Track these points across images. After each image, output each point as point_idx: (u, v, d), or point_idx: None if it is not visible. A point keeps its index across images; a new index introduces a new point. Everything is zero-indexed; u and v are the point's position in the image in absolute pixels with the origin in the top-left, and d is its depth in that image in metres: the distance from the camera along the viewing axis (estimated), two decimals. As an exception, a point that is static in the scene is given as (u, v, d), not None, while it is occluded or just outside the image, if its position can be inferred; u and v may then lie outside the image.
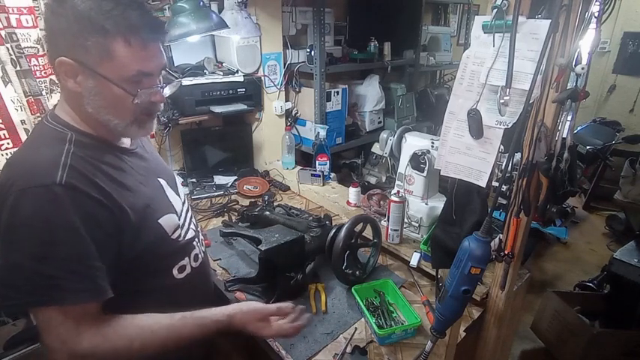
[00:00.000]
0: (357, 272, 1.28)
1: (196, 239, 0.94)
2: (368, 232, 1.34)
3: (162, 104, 0.82)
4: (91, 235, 0.67)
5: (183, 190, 0.98)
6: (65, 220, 0.65)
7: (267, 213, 1.57)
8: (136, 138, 0.88)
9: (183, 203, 0.94)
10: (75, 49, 0.68)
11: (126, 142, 0.86)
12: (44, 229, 0.64)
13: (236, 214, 1.71)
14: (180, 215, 0.89)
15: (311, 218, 1.44)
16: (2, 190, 0.66)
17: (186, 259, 0.88)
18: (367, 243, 1.35)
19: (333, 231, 1.27)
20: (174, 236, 0.85)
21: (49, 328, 0.66)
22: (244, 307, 0.85)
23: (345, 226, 1.23)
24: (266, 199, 1.80)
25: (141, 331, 0.73)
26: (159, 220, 0.81)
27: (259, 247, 1.15)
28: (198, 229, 1.00)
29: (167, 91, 0.81)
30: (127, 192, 0.75)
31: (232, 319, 0.81)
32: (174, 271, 0.85)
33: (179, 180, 1.01)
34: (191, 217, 0.96)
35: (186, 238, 0.88)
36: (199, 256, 0.94)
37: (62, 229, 0.65)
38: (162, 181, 0.89)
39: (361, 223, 1.30)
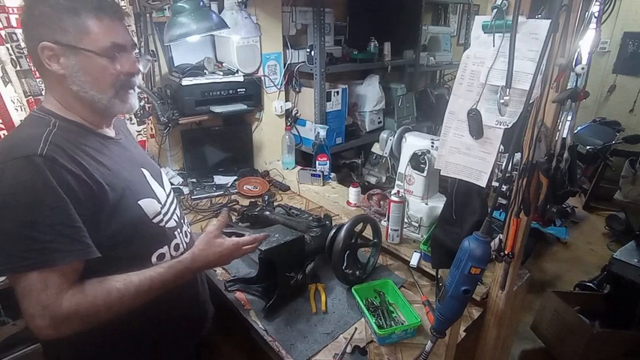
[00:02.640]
0: (357, 272, 1.28)
1: (178, 230, 0.95)
2: (368, 232, 1.34)
3: (139, 77, 0.87)
4: (71, 204, 0.70)
5: (169, 185, 1.01)
6: (48, 186, 0.67)
7: (267, 213, 1.57)
8: (121, 113, 0.90)
9: (168, 195, 0.96)
10: (55, 32, 0.74)
11: (109, 132, 0.89)
12: (28, 195, 0.66)
13: (236, 214, 1.72)
14: (164, 205, 0.91)
15: (311, 218, 1.44)
16: None
17: (166, 247, 0.89)
18: (367, 243, 1.35)
19: (333, 231, 1.27)
20: (155, 220, 0.86)
21: (30, 294, 0.66)
22: (198, 240, 0.91)
23: (345, 226, 1.23)
24: (266, 199, 1.80)
25: (115, 282, 0.74)
26: (139, 202, 0.83)
27: (259, 247, 1.15)
28: (183, 221, 1.01)
29: (141, 67, 0.86)
30: (106, 170, 0.78)
31: (194, 253, 0.87)
32: (153, 259, 0.86)
33: (167, 176, 1.04)
34: (175, 209, 0.97)
35: (167, 225, 0.90)
36: (180, 246, 0.94)
37: (45, 193, 0.67)
38: (146, 172, 0.92)
39: (361, 223, 1.30)
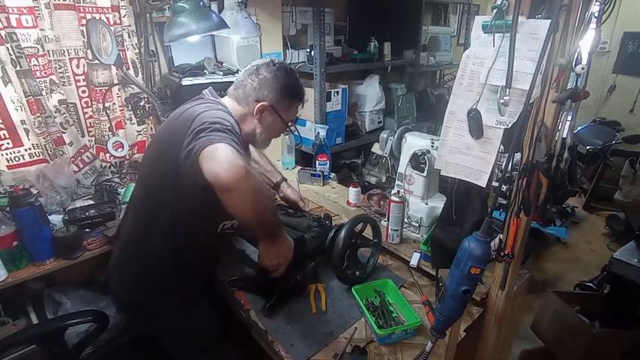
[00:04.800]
0: (357, 272, 1.28)
1: None
2: (368, 233, 1.34)
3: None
4: None
5: None
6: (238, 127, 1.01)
7: None
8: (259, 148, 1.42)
9: None
10: (277, 102, 1.14)
11: None
12: (232, 123, 0.97)
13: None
14: None
15: (311, 218, 1.44)
16: (195, 121, 0.94)
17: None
18: (367, 243, 1.35)
19: (334, 231, 1.27)
20: None
21: (223, 150, 0.86)
22: None
23: (345, 227, 1.23)
24: None
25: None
26: None
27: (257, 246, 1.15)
28: None
29: (294, 130, 1.37)
30: None
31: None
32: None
33: None
34: None
35: None
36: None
37: (238, 128, 1.00)
38: None
39: (361, 223, 1.30)
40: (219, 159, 0.84)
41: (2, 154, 1.48)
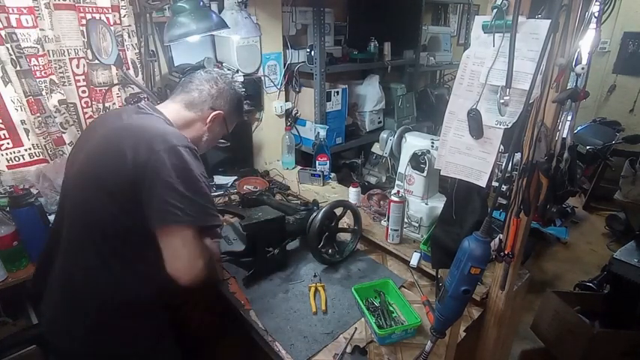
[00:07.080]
0: (330, 250, 1.37)
1: None
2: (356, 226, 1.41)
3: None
4: None
5: None
6: (203, 170, 0.96)
7: (265, 197, 1.64)
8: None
9: None
10: (229, 114, 1.13)
11: None
12: (198, 172, 0.92)
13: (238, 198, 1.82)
14: None
15: (300, 202, 1.54)
16: (156, 141, 0.88)
17: None
18: (347, 229, 1.45)
19: (315, 213, 1.36)
20: None
21: (189, 243, 0.88)
22: None
23: (324, 208, 1.32)
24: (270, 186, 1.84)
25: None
26: None
27: (241, 222, 1.29)
28: None
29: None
30: None
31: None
32: None
33: None
34: None
35: None
36: None
37: (203, 175, 0.95)
38: None
39: (341, 208, 1.39)
40: (181, 259, 0.88)
41: (2, 154, 1.48)
